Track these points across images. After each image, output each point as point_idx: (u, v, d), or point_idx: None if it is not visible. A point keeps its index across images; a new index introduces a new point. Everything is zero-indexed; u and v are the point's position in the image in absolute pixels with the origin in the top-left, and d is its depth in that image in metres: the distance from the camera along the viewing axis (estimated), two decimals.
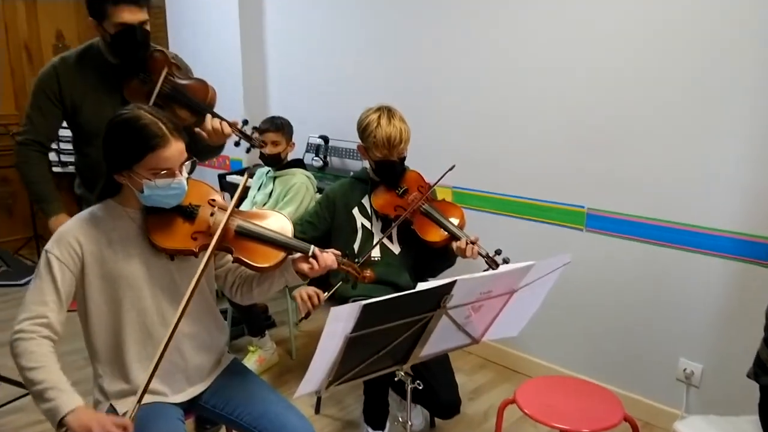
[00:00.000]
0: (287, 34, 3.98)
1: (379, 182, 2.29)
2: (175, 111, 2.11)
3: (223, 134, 2.11)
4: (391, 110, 2.21)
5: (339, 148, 3.69)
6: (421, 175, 2.33)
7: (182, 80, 2.17)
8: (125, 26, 2.01)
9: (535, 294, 1.65)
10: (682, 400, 2.46)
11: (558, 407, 1.78)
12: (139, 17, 2.04)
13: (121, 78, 2.15)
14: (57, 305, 1.44)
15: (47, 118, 2.19)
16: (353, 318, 1.26)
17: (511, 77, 2.80)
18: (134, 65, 2.12)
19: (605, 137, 2.53)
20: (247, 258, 1.56)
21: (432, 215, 2.17)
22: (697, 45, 2.23)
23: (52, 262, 1.45)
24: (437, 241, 2.13)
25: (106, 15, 2.01)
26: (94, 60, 2.18)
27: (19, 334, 1.40)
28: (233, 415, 1.62)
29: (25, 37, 4.74)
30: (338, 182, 2.40)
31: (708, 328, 2.36)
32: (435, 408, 2.25)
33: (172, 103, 2.12)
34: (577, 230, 2.69)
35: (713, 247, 2.30)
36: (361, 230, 2.27)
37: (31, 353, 1.38)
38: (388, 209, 2.22)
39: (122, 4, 1.99)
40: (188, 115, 2.13)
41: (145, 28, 2.07)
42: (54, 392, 1.35)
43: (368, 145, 2.20)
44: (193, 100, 2.13)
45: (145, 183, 1.46)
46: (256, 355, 2.99)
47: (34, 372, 1.36)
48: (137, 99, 2.10)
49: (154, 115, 1.47)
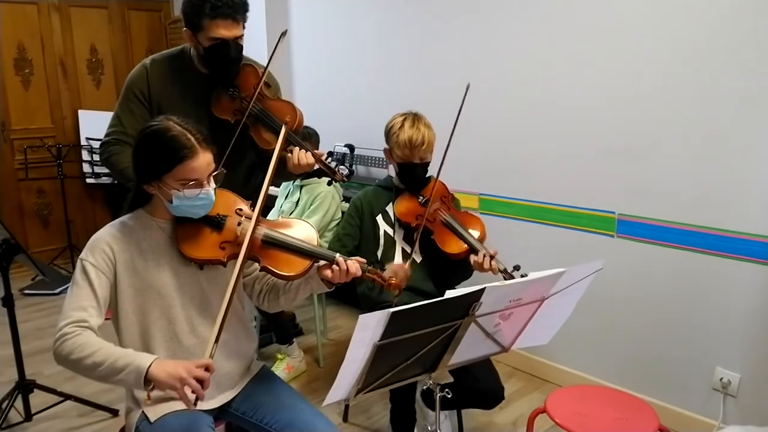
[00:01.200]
0: (313, 44, 4.02)
1: (403, 189, 2.29)
2: (261, 133, 2.06)
3: (307, 166, 2.01)
4: (418, 115, 2.24)
5: (364, 156, 3.71)
6: (445, 185, 2.32)
7: (271, 101, 2.10)
8: (220, 41, 1.97)
9: (566, 302, 1.62)
10: (719, 410, 2.39)
11: (590, 417, 1.75)
12: (234, 33, 1.99)
13: (210, 89, 2.10)
14: (96, 310, 1.46)
15: (135, 117, 2.11)
16: (381, 326, 1.26)
17: (539, 84, 2.78)
18: (225, 79, 2.08)
19: (635, 142, 2.49)
20: (274, 267, 1.58)
21: (452, 226, 2.16)
22: (730, 49, 2.19)
23: (88, 268, 1.47)
24: (456, 252, 2.12)
25: (201, 28, 1.96)
26: (185, 66, 2.13)
27: (63, 337, 1.40)
28: (262, 422, 1.62)
29: (60, 52, 4.87)
30: (363, 190, 2.41)
31: (745, 336, 2.30)
32: (477, 397, 2.14)
33: (259, 125, 2.06)
34: (607, 236, 2.64)
35: (748, 253, 2.24)
36: (383, 238, 2.27)
37: (82, 344, 1.38)
38: (409, 217, 2.22)
39: (219, 19, 1.94)
40: (274, 139, 2.02)
41: (239, 43, 2.03)
42: (125, 359, 1.37)
43: (391, 146, 2.24)
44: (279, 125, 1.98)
45: (174, 193, 1.49)
46: (284, 362, 3.00)
47: (93, 356, 1.37)
48: (224, 114, 2.06)
49: (183, 127, 1.50)
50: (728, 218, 2.27)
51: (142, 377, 1.33)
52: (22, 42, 4.68)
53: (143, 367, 1.34)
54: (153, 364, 1.35)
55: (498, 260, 2.02)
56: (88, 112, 4.91)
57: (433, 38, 3.21)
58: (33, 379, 2.63)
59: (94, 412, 2.68)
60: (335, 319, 3.77)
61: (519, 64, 2.84)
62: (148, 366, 1.34)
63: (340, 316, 3.80)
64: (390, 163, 2.33)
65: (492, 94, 2.96)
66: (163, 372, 1.34)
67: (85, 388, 2.81)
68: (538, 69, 2.77)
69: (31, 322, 3.75)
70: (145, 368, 1.34)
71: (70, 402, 2.67)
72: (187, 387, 1.32)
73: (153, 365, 1.34)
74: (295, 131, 2.07)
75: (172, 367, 1.35)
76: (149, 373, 1.33)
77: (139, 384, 1.35)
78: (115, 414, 2.67)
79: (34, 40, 4.73)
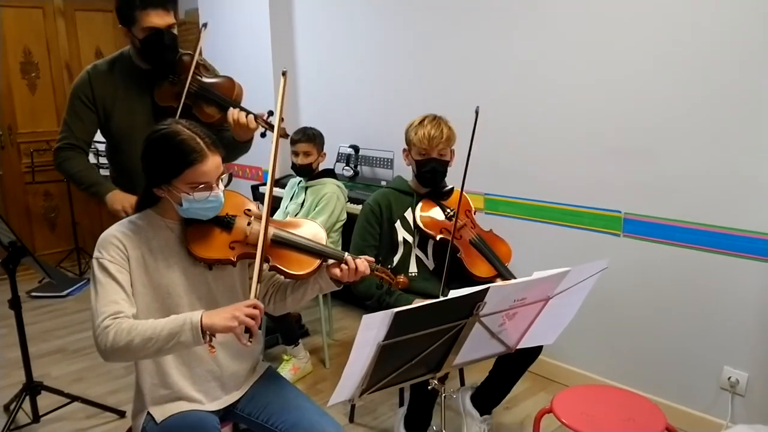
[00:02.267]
0: (318, 44, 4.03)
1: (423, 195, 2.28)
2: (203, 108, 2.17)
3: (248, 127, 2.11)
4: (439, 116, 2.26)
5: (369, 157, 3.71)
6: (467, 198, 2.31)
7: (209, 79, 2.23)
8: (154, 30, 2.09)
9: (571, 301, 1.62)
10: (727, 409, 2.37)
11: (597, 417, 1.74)
12: (166, 21, 2.11)
13: (152, 82, 2.21)
14: (127, 301, 1.46)
15: (84, 122, 2.25)
16: (385, 326, 1.26)
17: (545, 83, 2.77)
18: (164, 68, 2.19)
19: (642, 141, 2.48)
20: (283, 266, 1.58)
21: (482, 249, 2.15)
22: (738, 48, 2.18)
23: (107, 265, 1.48)
24: (485, 276, 2.11)
25: (135, 20, 2.08)
26: (125, 66, 2.25)
27: (104, 330, 1.39)
28: (268, 422, 1.62)
29: (66, 55, 4.90)
30: (378, 193, 2.36)
31: (753, 335, 2.28)
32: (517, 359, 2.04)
33: (200, 101, 2.18)
34: (613, 236, 2.63)
35: (755, 251, 2.23)
36: (402, 245, 2.26)
37: (125, 329, 1.38)
38: (433, 229, 2.19)
39: (150, 9, 2.06)
40: (216, 111, 2.17)
41: (172, 31, 2.15)
42: (173, 323, 1.39)
43: (409, 142, 2.24)
44: (220, 97, 2.17)
45: (184, 197, 1.49)
46: (290, 363, 3.00)
47: (142, 334, 1.38)
48: (167, 100, 2.17)
49: (192, 131, 1.50)
50: (735, 217, 2.26)
51: (199, 330, 1.37)
52: (27, 46, 4.71)
53: (196, 320, 1.38)
54: (203, 316, 1.39)
55: None
56: None
57: (438, 39, 3.21)
58: (40, 381, 2.64)
59: (101, 414, 2.69)
60: (341, 320, 3.77)
61: (525, 63, 2.83)
62: (200, 318, 1.38)
63: (346, 317, 3.80)
64: (408, 164, 2.32)
65: (498, 94, 2.95)
66: (217, 317, 1.39)
67: (92, 390, 2.83)
68: (544, 68, 2.76)
69: (38, 325, 3.77)
70: (198, 320, 1.37)
71: (78, 403, 2.68)
72: (241, 325, 1.37)
73: (204, 316, 1.38)
74: (236, 101, 2.18)
75: (221, 311, 1.40)
76: (203, 324, 1.37)
77: (197, 338, 1.37)
78: (122, 415, 2.68)
79: (39, 44, 4.76)
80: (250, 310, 1.40)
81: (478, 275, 2.11)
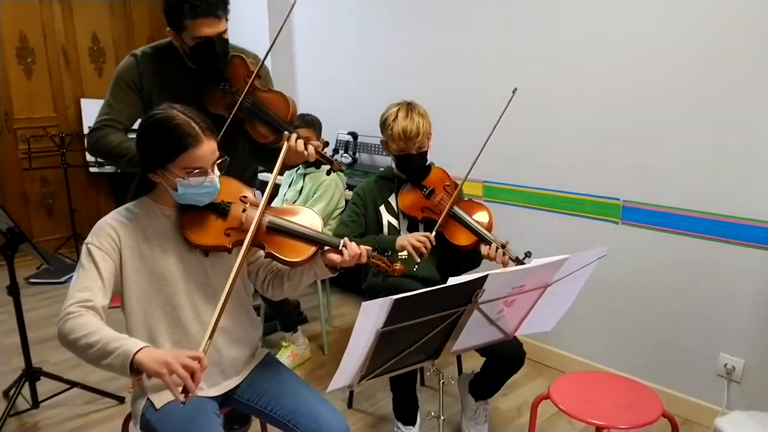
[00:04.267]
0: (315, 31, 4.00)
1: (405, 180, 2.28)
2: (256, 127, 2.01)
3: (304, 156, 1.94)
4: (412, 104, 2.21)
5: (368, 144, 3.69)
6: (446, 172, 2.30)
7: (263, 93, 2.05)
8: (204, 39, 1.94)
9: (569, 288, 1.62)
10: (723, 396, 2.39)
11: (594, 403, 1.75)
12: (218, 29, 1.95)
13: (201, 83, 2.07)
14: (101, 291, 1.44)
15: (127, 104, 2.08)
16: (385, 312, 1.26)
17: (544, 70, 2.75)
18: (214, 74, 2.05)
19: (641, 129, 2.47)
20: (279, 253, 1.58)
21: (460, 218, 2.14)
22: (738, 35, 2.16)
23: (93, 251, 1.47)
24: (466, 244, 2.11)
25: (184, 28, 1.93)
26: (173, 60, 2.10)
27: (66, 316, 1.37)
28: (267, 408, 1.63)
29: (62, 41, 4.86)
30: (366, 181, 2.40)
31: (749, 322, 2.29)
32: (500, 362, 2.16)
33: (253, 118, 2.01)
34: (612, 223, 2.64)
35: (753, 239, 2.23)
36: (387, 227, 2.27)
37: (81, 324, 1.35)
38: (414, 211, 2.21)
39: (201, 18, 1.90)
40: (269, 132, 2.00)
41: (224, 37, 2.00)
42: (116, 342, 1.31)
43: (387, 138, 2.23)
44: (274, 118, 2.00)
45: (179, 182, 1.49)
46: (289, 350, 3.01)
47: (87, 337, 1.33)
48: (218, 108, 2.03)
49: (187, 115, 1.49)
50: (733, 204, 2.26)
51: (128, 362, 1.28)
52: (23, 31, 4.66)
53: (130, 352, 1.29)
54: (141, 350, 1.29)
55: (509, 249, 2.02)
56: (90, 100, 4.89)
57: (438, 25, 3.19)
58: (39, 367, 2.65)
59: (100, 399, 2.70)
60: (340, 306, 3.78)
61: (524, 50, 2.81)
62: (135, 351, 1.29)
63: (345, 304, 3.81)
64: (388, 154, 2.32)
65: (496, 80, 2.94)
66: (150, 357, 1.28)
67: (91, 376, 2.83)
68: (543, 55, 2.74)
69: (37, 311, 3.77)
70: (132, 353, 1.28)
71: (77, 389, 2.69)
72: (174, 375, 1.26)
73: (141, 351, 1.29)
74: (290, 122, 2.03)
75: (161, 353, 1.30)
76: (135, 358, 1.28)
77: (124, 369, 1.29)
78: (122, 401, 2.69)
79: (35, 30, 4.72)
80: (189, 361, 1.27)
81: (460, 244, 2.12)
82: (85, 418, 2.60)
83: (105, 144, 2.03)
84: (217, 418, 1.55)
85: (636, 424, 1.65)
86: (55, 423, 2.57)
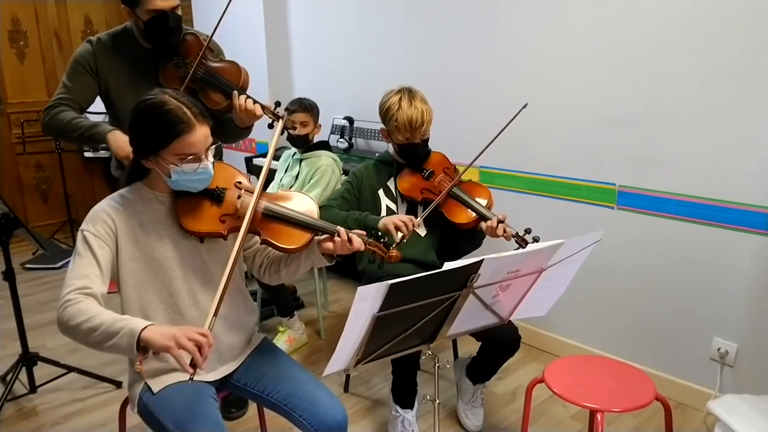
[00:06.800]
0: (312, 15, 3.96)
1: (404, 165, 2.28)
2: (209, 94, 2.12)
3: (254, 115, 2.07)
4: (412, 91, 2.19)
5: (364, 129, 3.68)
6: (445, 156, 2.31)
7: (215, 63, 2.18)
8: (158, 12, 2.03)
9: (564, 273, 1.63)
10: (716, 379, 2.41)
11: (588, 387, 1.77)
12: (171, 3, 2.05)
13: (155, 62, 2.16)
14: (99, 278, 1.44)
15: (83, 86, 2.17)
16: (380, 297, 1.26)
17: (540, 55, 2.74)
18: (168, 50, 2.14)
19: (636, 113, 2.47)
20: (275, 240, 1.58)
21: (460, 197, 2.15)
22: (728, 19, 2.15)
23: (89, 238, 1.46)
24: (466, 222, 2.12)
25: (138, 2, 2.02)
26: (129, 43, 2.19)
27: (65, 303, 1.36)
28: (264, 392, 1.64)
29: (54, 24, 4.81)
30: (363, 164, 2.39)
31: (743, 307, 2.31)
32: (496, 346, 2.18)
33: (205, 87, 2.13)
34: (607, 208, 2.64)
35: (747, 223, 2.24)
36: (385, 211, 2.26)
37: (81, 310, 1.35)
38: (414, 192, 2.21)
39: None
40: (222, 98, 2.12)
41: (177, 12, 2.09)
42: (120, 323, 1.31)
43: (390, 128, 2.19)
44: (226, 83, 2.12)
45: (172, 168, 1.48)
46: (286, 335, 3.02)
47: (89, 321, 1.32)
48: (172, 83, 2.12)
49: (179, 101, 1.48)
50: (728, 189, 2.27)
51: (135, 340, 1.28)
52: (15, 14, 4.61)
53: (137, 329, 1.29)
54: (147, 327, 1.30)
55: (508, 224, 2.03)
56: None
57: (434, 9, 3.16)
58: (36, 352, 2.66)
59: (97, 384, 2.72)
60: (336, 292, 3.79)
61: (521, 36, 2.79)
62: (141, 329, 1.29)
63: (341, 289, 3.82)
64: (389, 143, 2.31)
65: (491, 66, 2.92)
66: (157, 333, 1.29)
67: (88, 361, 2.84)
68: (537, 40, 2.72)
69: (33, 296, 3.78)
70: (138, 330, 1.29)
71: (74, 374, 2.70)
72: (182, 350, 1.27)
73: (147, 328, 1.29)
74: (242, 87, 2.13)
75: (167, 329, 1.31)
76: (142, 336, 1.28)
77: (131, 348, 1.28)
78: (119, 386, 2.70)
79: (27, 12, 4.67)
80: (197, 337, 1.28)
81: (459, 222, 2.13)
82: (82, 403, 2.61)
83: (58, 121, 2.11)
84: (214, 402, 1.55)
85: (629, 407, 1.67)
86: (52, 407, 2.58)
